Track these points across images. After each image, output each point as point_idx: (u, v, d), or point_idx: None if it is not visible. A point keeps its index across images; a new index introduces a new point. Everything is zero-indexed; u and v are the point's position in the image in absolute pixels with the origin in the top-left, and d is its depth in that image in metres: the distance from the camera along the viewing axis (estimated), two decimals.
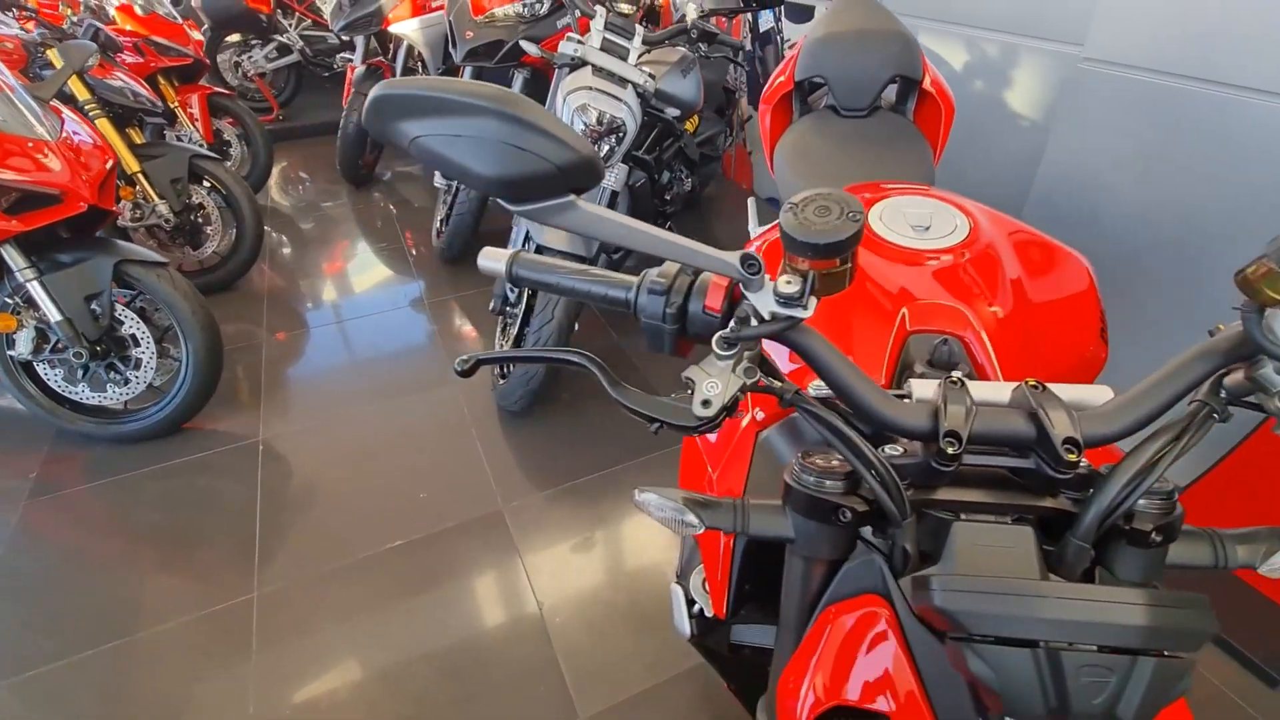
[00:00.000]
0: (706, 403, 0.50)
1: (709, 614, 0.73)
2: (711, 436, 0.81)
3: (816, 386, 0.64)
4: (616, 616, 1.52)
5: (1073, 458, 0.47)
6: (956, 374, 0.54)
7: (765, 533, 0.55)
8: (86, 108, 2.27)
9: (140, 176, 2.40)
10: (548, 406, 2.11)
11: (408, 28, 3.18)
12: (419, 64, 3.59)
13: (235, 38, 4.39)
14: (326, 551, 1.66)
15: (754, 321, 0.50)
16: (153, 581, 1.60)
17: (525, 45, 2.03)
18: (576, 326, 1.91)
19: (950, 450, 0.48)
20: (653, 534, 1.71)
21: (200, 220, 2.65)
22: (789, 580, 0.57)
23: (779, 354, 0.81)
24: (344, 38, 4.59)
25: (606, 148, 1.87)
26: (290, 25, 4.53)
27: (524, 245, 1.95)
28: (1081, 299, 0.73)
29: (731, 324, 0.51)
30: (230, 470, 1.91)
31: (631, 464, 1.92)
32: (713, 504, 0.56)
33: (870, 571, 0.52)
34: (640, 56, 1.94)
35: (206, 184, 2.59)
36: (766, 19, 3.00)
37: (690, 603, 0.75)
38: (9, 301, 1.78)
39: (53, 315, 1.76)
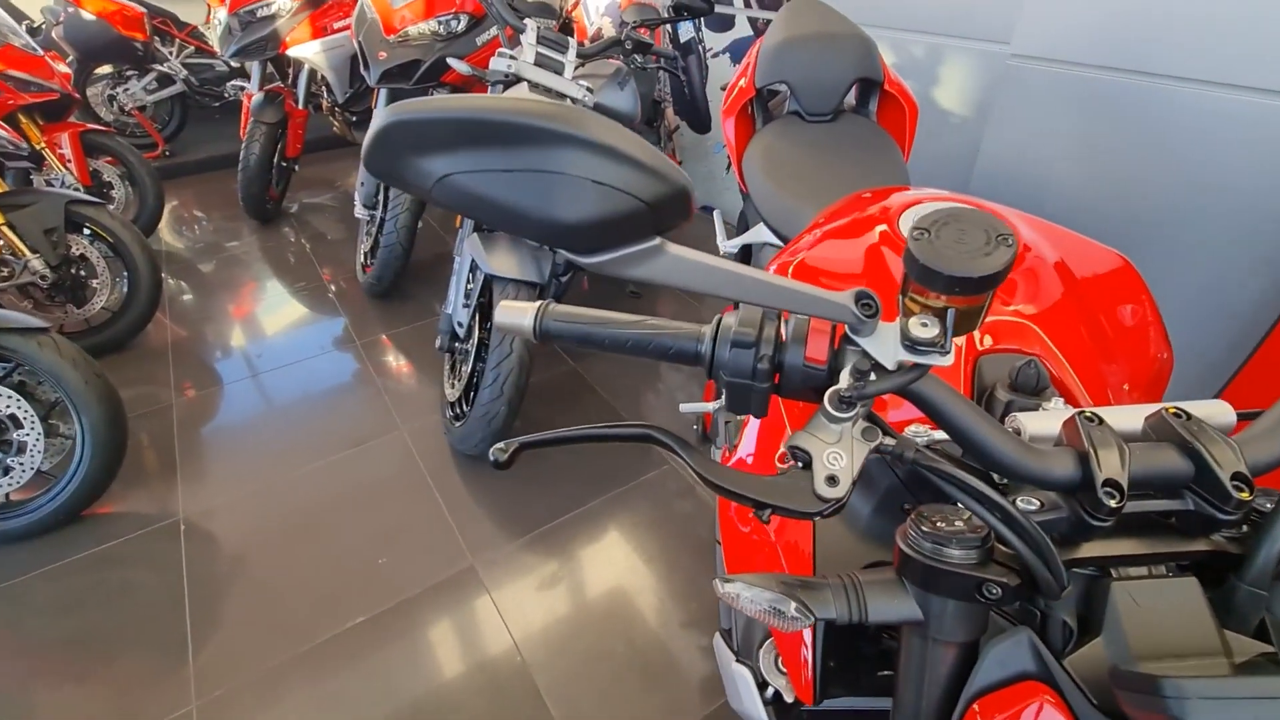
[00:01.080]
0: (832, 479, 0.41)
1: (788, 698, 0.64)
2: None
3: (914, 431, 0.56)
4: (616, 669, 1.40)
5: (1244, 495, 0.41)
6: (1051, 401, 0.48)
7: (888, 618, 0.46)
8: None
9: (6, 230, 2.08)
10: None
11: (308, 51, 2.96)
12: (323, 88, 3.36)
13: (107, 69, 3.98)
14: (277, 641, 1.46)
15: (873, 374, 0.41)
16: (63, 706, 1.35)
17: (454, 64, 1.89)
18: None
19: (1113, 502, 0.41)
20: (640, 575, 1.61)
21: (83, 273, 2.34)
22: (909, 666, 0.48)
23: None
24: (235, 64, 4.27)
25: None
26: (171, 53, 4.15)
27: (469, 276, 1.81)
28: (1138, 301, 0.69)
29: (844, 377, 0.42)
30: (148, 559, 1.66)
31: (604, 499, 1.81)
32: (814, 586, 0.47)
33: (1021, 651, 0.44)
34: (575, 70, 1.85)
35: (88, 231, 2.29)
36: (687, 29, 2.98)
37: (761, 685, 0.66)
38: None
39: None
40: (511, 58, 1.76)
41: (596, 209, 0.37)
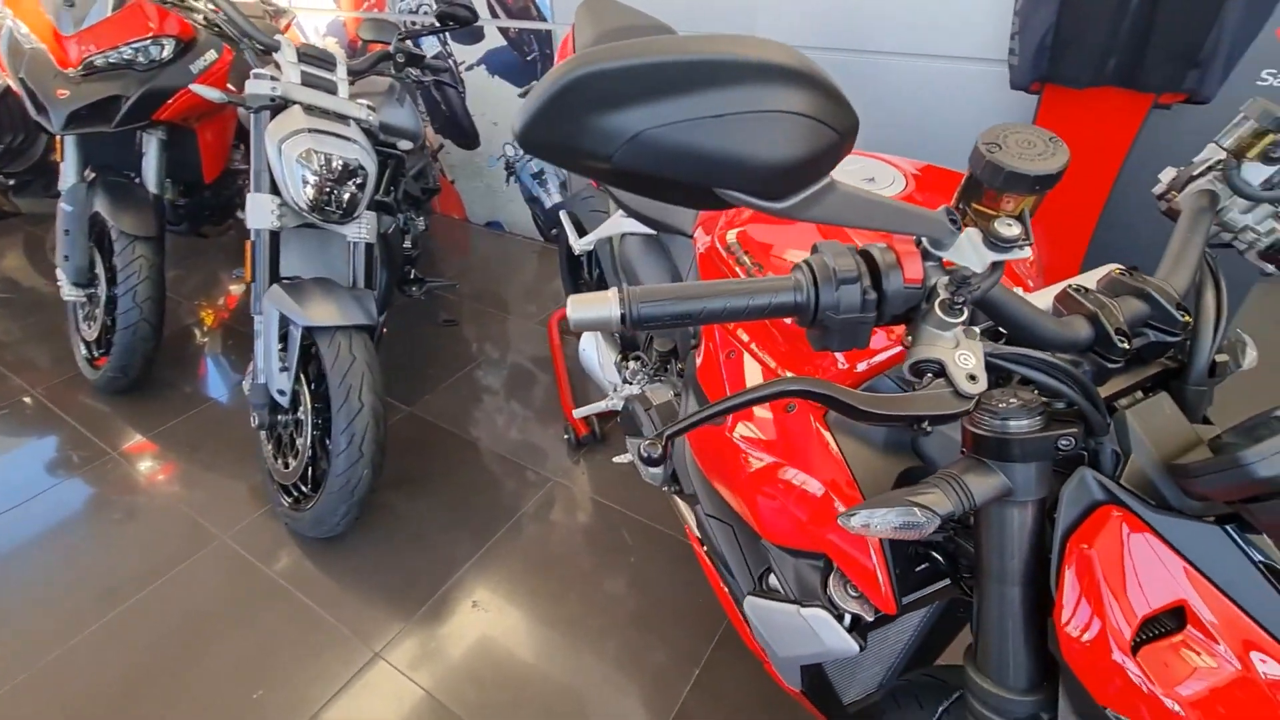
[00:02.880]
0: (972, 377, 0.45)
1: (869, 618, 0.67)
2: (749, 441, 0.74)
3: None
4: (578, 706, 1.33)
5: (1187, 319, 0.55)
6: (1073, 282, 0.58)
7: (988, 496, 0.52)
8: None
9: None
10: (361, 515, 1.72)
11: None
12: None
13: None
14: None
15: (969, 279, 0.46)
16: None
17: (202, 91, 1.57)
18: None
19: (1125, 345, 0.51)
20: (563, 603, 1.54)
21: None
22: (992, 535, 0.55)
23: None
24: None
25: (348, 195, 1.57)
26: None
27: (286, 334, 1.54)
28: None
29: (941, 289, 0.46)
30: None
31: (491, 542, 1.67)
32: (922, 492, 0.51)
33: (1086, 486, 0.53)
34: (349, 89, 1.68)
35: None
36: (432, 44, 2.86)
37: (838, 618, 0.68)
38: None
39: None
40: (272, 79, 1.53)
41: (803, 146, 0.36)
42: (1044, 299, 0.59)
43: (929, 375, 0.47)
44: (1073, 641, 0.51)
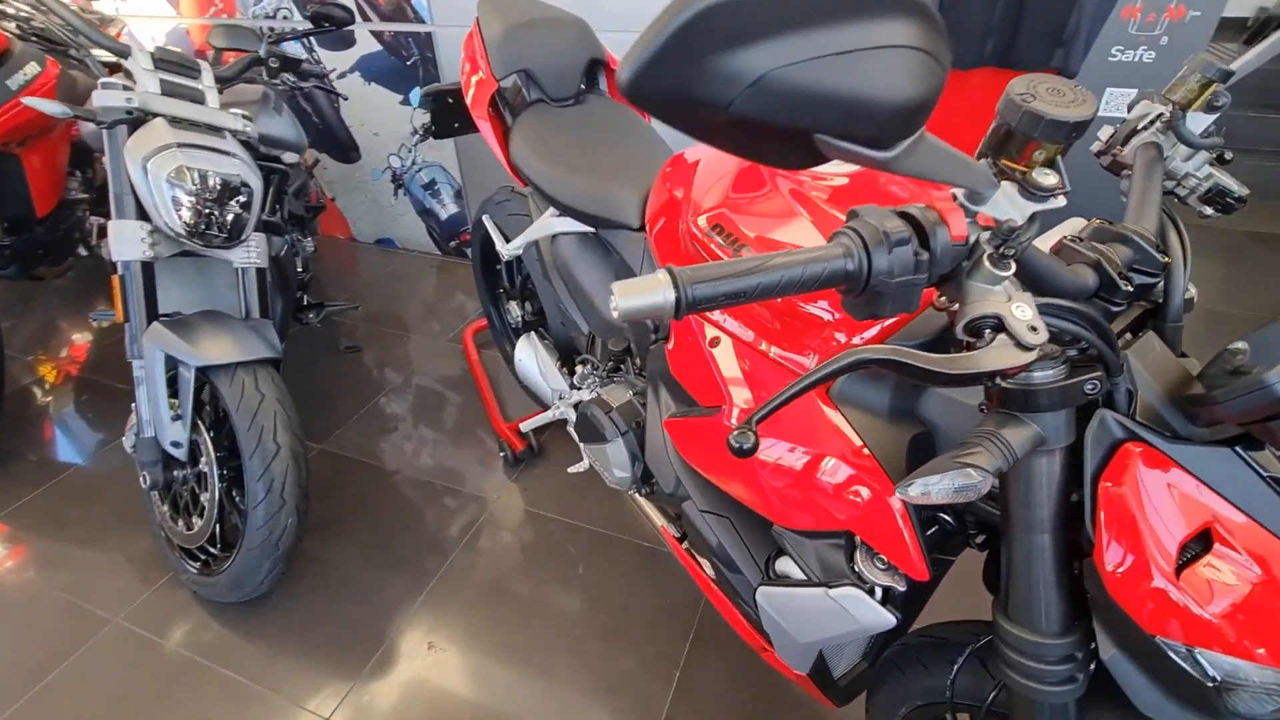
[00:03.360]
0: (1033, 328, 0.45)
1: (901, 588, 0.67)
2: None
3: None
4: None
5: (1165, 258, 0.58)
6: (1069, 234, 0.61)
7: (1025, 449, 0.52)
8: None
9: None
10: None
11: None
12: None
13: None
14: None
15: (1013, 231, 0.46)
16: None
17: (38, 104, 1.32)
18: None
19: (1129, 287, 0.54)
20: (524, 629, 1.46)
21: None
22: (1021, 486, 0.56)
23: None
24: None
25: (232, 215, 1.40)
26: None
27: (174, 378, 1.35)
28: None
29: (985, 241, 0.46)
30: None
31: (435, 580, 1.54)
32: (968, 452, 0.51)
33: (1107, 427, 0.55)
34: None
35: None
36: (295, 49, 2.63)
37: (870, 592, 0.67)
38: None
39: None
40: (127, 88, 1.33)
41: (920, 85, 0.34)
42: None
43: (988, 331, 0.46)
44: (1115, 577, 0.53)
